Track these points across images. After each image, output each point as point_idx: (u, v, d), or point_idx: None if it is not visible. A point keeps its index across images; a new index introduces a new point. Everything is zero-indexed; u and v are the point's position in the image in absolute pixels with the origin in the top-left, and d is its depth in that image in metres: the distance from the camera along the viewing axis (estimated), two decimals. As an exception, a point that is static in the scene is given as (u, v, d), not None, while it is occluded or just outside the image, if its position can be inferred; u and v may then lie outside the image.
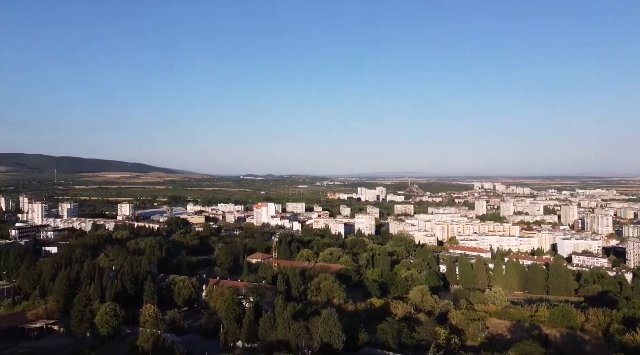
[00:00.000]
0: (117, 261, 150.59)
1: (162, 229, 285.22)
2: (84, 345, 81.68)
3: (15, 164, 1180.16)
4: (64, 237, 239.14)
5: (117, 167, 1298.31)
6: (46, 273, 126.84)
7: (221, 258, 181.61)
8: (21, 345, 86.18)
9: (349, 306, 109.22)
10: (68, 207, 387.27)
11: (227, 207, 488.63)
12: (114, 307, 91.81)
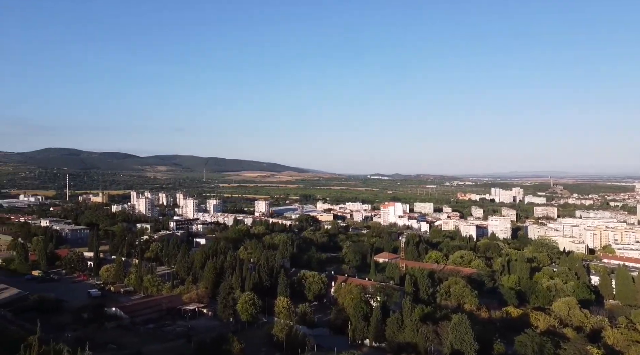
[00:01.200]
0: (255, 254, 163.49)
1: (293, 225, 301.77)
2: (228, 329, 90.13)
3: (173, 164, 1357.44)
4: (210, 230, 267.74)
5: (255, 167, 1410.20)
6: (197, 262, 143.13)
7: (349, 256, 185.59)
8: (179, 324, 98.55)
9: (482, 313, 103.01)
10: (214, 203, 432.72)
11: (354, 206, 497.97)
12: (253, 297, 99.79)
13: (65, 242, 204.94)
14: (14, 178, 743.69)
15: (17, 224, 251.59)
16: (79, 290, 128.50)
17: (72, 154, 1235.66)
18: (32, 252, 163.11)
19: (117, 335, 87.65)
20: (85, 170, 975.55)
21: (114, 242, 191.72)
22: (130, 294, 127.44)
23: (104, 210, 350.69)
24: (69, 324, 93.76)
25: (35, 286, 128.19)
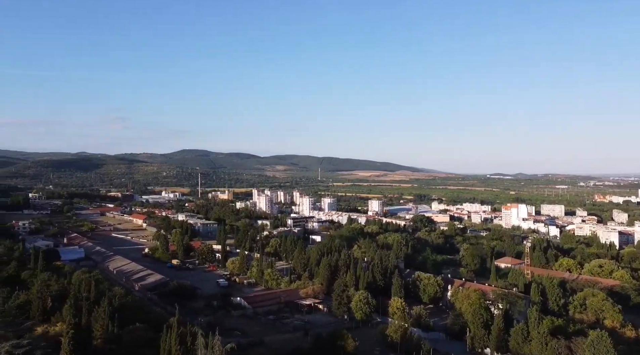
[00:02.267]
0: (368, 253, 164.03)
1: (407, 225, 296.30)
2: (342, 325, 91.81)
3: (290, 164, 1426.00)
4: (325, 228, 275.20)
5: (368, 166, 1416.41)
6: (313, 258, 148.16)
7: (467, 259, 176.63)
8: (296, 317, 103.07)
9: (627, 331, 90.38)
10: (328, 201, 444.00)
11: (472, 207, 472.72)
12: (366, 296, 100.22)
13: (198, 235, 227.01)
14: (157, 177, 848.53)
15: (160, 217, 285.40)
16: (209, 280, 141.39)
17: (203, 155, 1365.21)
18: (172, 243, 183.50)
19: (241, 323, 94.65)
20: (214, 170, 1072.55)
21: (238, 236, 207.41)
22: (252, 286, 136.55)
23: (230, 207, 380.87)
24: (202, 309, 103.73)
25: (174, 273, 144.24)
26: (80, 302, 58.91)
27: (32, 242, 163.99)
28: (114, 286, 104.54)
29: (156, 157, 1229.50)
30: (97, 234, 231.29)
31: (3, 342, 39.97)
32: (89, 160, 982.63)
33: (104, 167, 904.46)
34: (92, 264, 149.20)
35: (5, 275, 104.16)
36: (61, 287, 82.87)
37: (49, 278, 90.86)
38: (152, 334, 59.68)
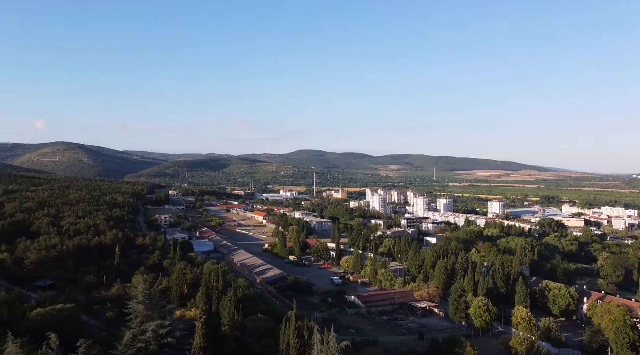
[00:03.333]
0: (488, 257, 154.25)
1: (533, 229, 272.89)
2: (459, 332, 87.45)
3: (404, 163, 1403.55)
4: (441, 230, 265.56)
5: (487, 166, 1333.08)
6: (427, 260, 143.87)
7: (607, 270, 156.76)
8: (411, 319, 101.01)
9: None
10: (444, 202, 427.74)
11: (613, 211, 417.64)
12: (487, 303, 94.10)
13: (313, 233, 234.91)
14: (276, 176, 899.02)
15: (278, 214, 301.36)
16: (324, 277, 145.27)
17: (318, 155, 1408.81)
18: (289, 240, 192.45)
19: (355, 321, 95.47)
20: (328, 169, 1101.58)
21: (352, 235, 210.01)
22: (366, 285, 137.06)
23: (344, 206, 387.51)
24: (317, 305, 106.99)
25: (291, 269, 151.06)
26: (210, 291, 64.58)
27: (171, 234, 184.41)
28: (239, 278, 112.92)
29: (275, 157, 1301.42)
30: (223, 228, 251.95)
31: (150, 321, 45.41)
32: (217, 160, 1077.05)
33: (229, 167, 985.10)
34: (219, 256, 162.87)
35: (151, 262, 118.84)
36: (194, 276, 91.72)
37: (185, 267, 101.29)
38: (272, 324, 63.02)
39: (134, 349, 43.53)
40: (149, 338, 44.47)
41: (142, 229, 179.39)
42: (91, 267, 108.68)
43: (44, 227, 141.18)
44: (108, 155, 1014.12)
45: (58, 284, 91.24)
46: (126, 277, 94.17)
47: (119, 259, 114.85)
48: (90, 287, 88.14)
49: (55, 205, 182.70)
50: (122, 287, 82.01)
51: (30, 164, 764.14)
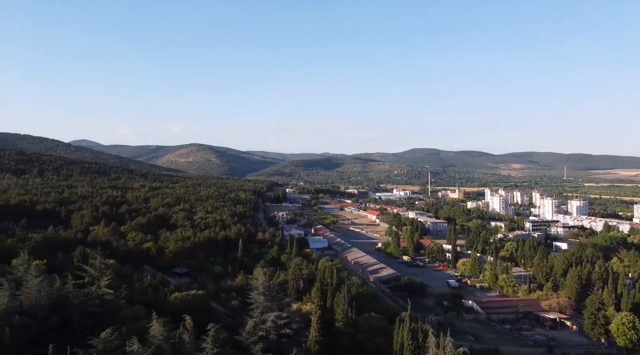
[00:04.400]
0: (634, 268, 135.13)
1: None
2: (598, 349, 78.10)
3: (528, 161, 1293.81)
4: (573, 235, 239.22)
5: (632, 164, 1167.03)
6: (557, 267, 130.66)
7: None
8: (537, 331, 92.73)
9: None
10: (577, 204, 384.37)
11: None
12: (633, 319, 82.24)
13: (428, 233, 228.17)
14: (389, 175, 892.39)
15: (391, 214, 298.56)
16: (439, 279, 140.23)
17: (433, 153, 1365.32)
18: (402, 240, 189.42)
19: (473, 327, 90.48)
20: (443, 168, 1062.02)
21: (469, 237, 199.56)
22: (485, 290, 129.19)
23: (460, 206, 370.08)
24: (432, 307, 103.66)
25: (404, 269, 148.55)
26: (325, 287, 66.20)
27: (288, 230, 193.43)
28: (352, 275, 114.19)
29: (388, 156, 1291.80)
30: (337, 226, 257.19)
31: (269, 312, 48.03)
32: (331, 160, 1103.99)
33: (343, 166, 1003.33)
34: (333, 253, 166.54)
35: (270, 257, 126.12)
36: (309, 272, 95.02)
37: (301, 263, 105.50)
38: (385, 324, 62.53)
39: (256, 337, 46.35)
40: (268, 328, 47.02)
41: (262, 225, 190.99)
42: (218, 259, 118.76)
43: (180, 221, 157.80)
44: (233, 156, 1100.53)
45: (192, 272, 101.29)
46: (248, 269, 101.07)
47: (242, 252, 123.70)
48: (218, 277, 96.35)
49: (189, 201, 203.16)
50: (245, 278, 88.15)
51: (170, 164, 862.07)
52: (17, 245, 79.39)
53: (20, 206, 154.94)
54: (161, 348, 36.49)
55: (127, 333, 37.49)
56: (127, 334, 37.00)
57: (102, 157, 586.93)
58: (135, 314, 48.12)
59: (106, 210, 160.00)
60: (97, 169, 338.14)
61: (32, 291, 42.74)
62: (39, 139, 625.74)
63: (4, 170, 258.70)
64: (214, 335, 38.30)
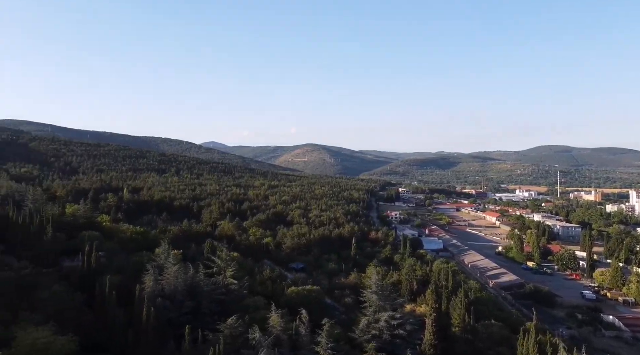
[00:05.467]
0: None
1: None
2: None
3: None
4: None
5: None
6: None
7: None
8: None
9: None
10: None
11: None
12: None
13: (557, 238, 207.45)
14: (511, 174, 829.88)
15: (513, 216, 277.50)
16: (570, 289, 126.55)
17: (563, 151, 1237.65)
18: (526, 244, 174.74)
19: (615, 346, 79.93)
20: (576, 167, 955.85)
21: (608, 244, 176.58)
22: (630, 305, 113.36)
23: (597, 209, 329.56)
24: (562, 319, 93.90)
25: (529, 276, 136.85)
26: (440, 290, 63.82)
27: (401, 230, 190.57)
28: (469, 279, 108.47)
29: (509, 154, 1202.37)
30: (453, 227, 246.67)
31: (382, 312, 47.69)
32: (446, 158, 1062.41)
33: (459, 165, 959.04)
34: (449, 255, 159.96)
35: (383, 256, 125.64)
36: (424, 273, 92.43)
37: (414, 263, 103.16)
38: (507, 333, 58.29)
39: (369, 335, 46.35)
40: (382, 327, 46.69)
41: (374, 224, 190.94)
42: (332, 256, 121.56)
43: (296, 218, 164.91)
44: (346, 155, 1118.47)
45: (307, 268, 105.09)
46: (361, 268, 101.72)
47: (355, 250, 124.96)
48: (332, 274, 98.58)
49: (305, 199, 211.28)
50: (358, 276, 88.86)
51: (286, 163, 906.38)
52: (159, 236, 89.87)
53: (161, 202, 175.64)
54: (280, 338, 38.36)
55: (249, 321, 40.12)
56: (249, 322, 39.61)
57: (227, 158, 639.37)
58: (256, 304, 51.34)
59: (231, 207, 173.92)
60: (223, 169, 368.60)
61: (171, 277, 47.99)
62: (176, 142, 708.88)
63: (149, 169, 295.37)
64: (329, 330, 39.16)
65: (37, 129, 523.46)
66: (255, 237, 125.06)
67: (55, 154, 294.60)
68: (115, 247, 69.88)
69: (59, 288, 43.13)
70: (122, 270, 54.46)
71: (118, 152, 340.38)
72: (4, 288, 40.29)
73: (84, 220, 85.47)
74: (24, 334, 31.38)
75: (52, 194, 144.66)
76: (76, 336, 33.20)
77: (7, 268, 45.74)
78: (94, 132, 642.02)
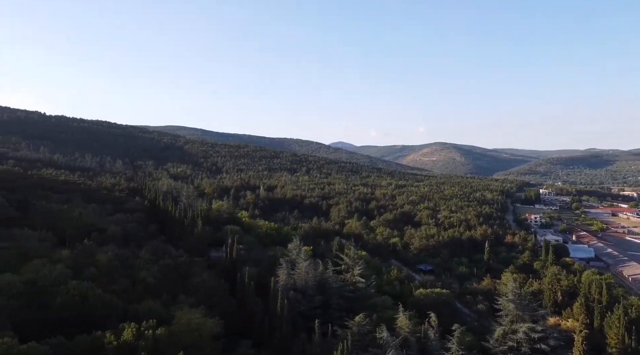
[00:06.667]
0: None
1: None
2: None
3: None
4: None
5: None
6: None
7: None
8: None
9: None
10: None
11: None
12: None
13: None
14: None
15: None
16: None
17: None
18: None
19: None
20: None
21: None
22: None
23: None
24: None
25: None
26: (591, 303, 56.54)
27: (542, 235, 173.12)
28: (630, 295, 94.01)
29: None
30: (607, 234, 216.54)
31: (521, 322, 43.92)
32: (598, 156, 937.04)
33: (615, 164, 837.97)
34: (602, 265, 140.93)
35: (521, 262, 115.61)
36: (570, 284, 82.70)
37: (559, 272, 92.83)
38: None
39: (505, 347, 43.10)
40: (520, 339, 43.04)
41: (510, 227, 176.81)
42: (463, 259, 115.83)
43: (424, 219, 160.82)
44: (478, 154, 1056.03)
45: (435, 270, 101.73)
46: (495, 273, 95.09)
47: (489, 254, 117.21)
48: (462, 277, 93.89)
49: (433, 200, 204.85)
50: (492, 282, 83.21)
51: (414, 163, 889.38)
52: (291, 233, 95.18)
53: (293, 199, 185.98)
54: (407, 340, 37.73)
55: (377, 320, 40.20)
56: (377, 321, 39.69)
57: (354, 157, 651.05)
58: (384, 304, 51.27)
59: (358, 206, 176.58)
60: (351, 168, 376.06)
61: (302, 272, 50.44)
62: (306, 142, 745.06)
63: (282, 168, 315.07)
64: (460, 337, 37.34)
65: (190, 133, 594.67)
66: (382, 237, 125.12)
67: (204, 155, 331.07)
68: (253, 241, 75.90)
69: (207, 276, 48.34)
70: (259, 263, 58.90)
71: (255, 153, 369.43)
72: (166, 273, 46.50)
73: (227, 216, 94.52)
74: (181, 313, 35.78)
75: (201, 191, 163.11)
76: (221, 320, 36.79)
77: (167, 256, 52.69)
78: (235, 135, 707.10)
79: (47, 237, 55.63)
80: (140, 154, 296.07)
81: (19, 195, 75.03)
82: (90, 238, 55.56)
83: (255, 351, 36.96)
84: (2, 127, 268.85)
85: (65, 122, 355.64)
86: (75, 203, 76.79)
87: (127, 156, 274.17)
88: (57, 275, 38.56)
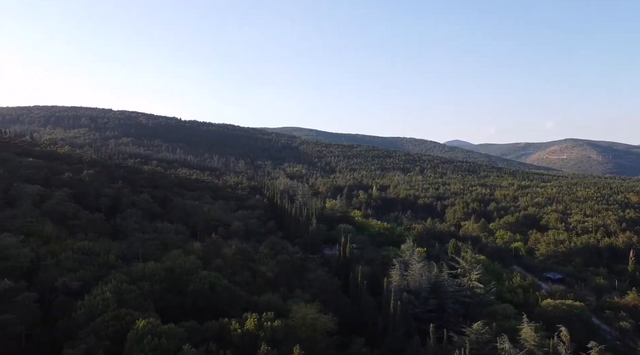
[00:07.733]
0: None
1: None
2: None
3: None
4: None
5: None
6: None
7: None
8: None
9: None
10: None
11: None
12: None
13: None
14: None
15: None
16: None
17: None
18: None
19: None
20: None
21: None
22: None
23: None
24: None
25: None
26: None
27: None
28: None
29: None
30: None
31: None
32: None
33: None
34: None
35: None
36: None
37: None
38: None
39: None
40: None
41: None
42: (600, 269, 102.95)
43: (552, 222, 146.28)
44: (620, 151, 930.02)
45: (566, 279, 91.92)
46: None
47: (634, 265, 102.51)
48: (600, 290, 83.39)
49: (563, 202, 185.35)
50: (638, 297, 72.62)
51: (540, 162, 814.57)
52: (404, 233, 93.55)
53: (406, 199, 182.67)
54: (533, 353, 34.64)
55: (497, 329, 37.54)
56: (497, 330, 37.08)
57: (472, 156, 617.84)
58: (505, 312, 47.76)
59: (475, 207, 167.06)
60: (467, 168, 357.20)
61: (416, 274, 49.23)
62: (420, 141, 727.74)
63: (395, 168, 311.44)
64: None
65: (305, 134, 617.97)
66: (502, 240, 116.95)
67: (318, 155, 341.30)
68: (366, 240, 76.20)
69: (322, 272, 49.73)
70: (371, 262, 58.92)
71: (368, 153, 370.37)
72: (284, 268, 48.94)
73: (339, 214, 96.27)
74: (297, 307, 37.30)
75: (315, 190, 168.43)
76: (335, 316, 37.52)
77: (285, 252, 55.38)
78: (348, 135, 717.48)
79: (182, 230, 62.32)
80: (259, 154, 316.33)
81: (160, 192, 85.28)
82: (217, 232, 60.81)
83: (369, 350, 36.97)
84: (149, 132, 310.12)
85: (197, 126, 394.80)
86: (204, 200, 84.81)
87: (249, 156, 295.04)
88: (190, 265, 42.89)
